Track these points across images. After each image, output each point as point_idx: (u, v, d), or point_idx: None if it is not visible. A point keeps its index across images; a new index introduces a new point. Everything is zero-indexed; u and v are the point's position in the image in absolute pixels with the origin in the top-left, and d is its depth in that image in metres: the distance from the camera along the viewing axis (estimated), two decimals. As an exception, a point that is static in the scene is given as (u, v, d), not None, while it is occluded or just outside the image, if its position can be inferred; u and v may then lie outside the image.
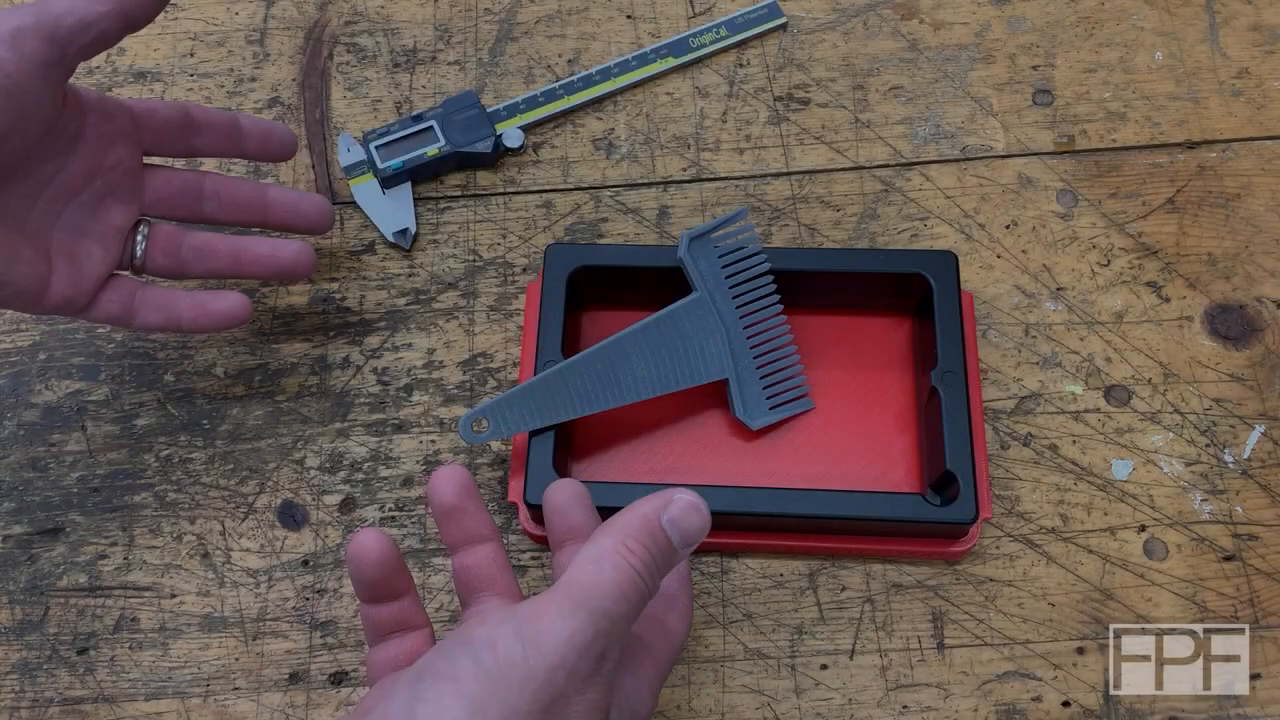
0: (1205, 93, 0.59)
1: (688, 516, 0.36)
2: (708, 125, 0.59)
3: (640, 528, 0.36)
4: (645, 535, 0.35)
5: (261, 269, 0.51)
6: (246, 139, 0.51)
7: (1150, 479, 0.50)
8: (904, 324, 0.53)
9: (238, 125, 0.50)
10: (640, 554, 0.35)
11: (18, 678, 0.48)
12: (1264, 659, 0.47)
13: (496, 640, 0.33)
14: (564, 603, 0.33)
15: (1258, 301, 0.54)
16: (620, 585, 0.34)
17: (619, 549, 0.35)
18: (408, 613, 0.40)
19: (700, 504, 0.37)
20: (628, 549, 0.35)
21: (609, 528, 0.36)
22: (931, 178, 0.57)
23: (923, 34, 0.61)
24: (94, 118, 0.46)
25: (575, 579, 0.34)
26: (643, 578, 0.35)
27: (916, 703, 0.47)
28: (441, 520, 0.40)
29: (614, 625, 0.34)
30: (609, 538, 0.35)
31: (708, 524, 0.37)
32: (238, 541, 0.50)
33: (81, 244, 0.47)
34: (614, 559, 0.34)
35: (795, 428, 0.51)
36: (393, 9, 0.63)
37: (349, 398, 0.53)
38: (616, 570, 0.34)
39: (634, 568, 0.35)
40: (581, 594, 0.34)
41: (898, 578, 0.49)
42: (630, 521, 0.36)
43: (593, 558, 0.35)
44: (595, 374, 0.48)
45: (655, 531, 0.36)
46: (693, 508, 0.37)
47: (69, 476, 0.52)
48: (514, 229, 0.57)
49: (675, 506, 0.36)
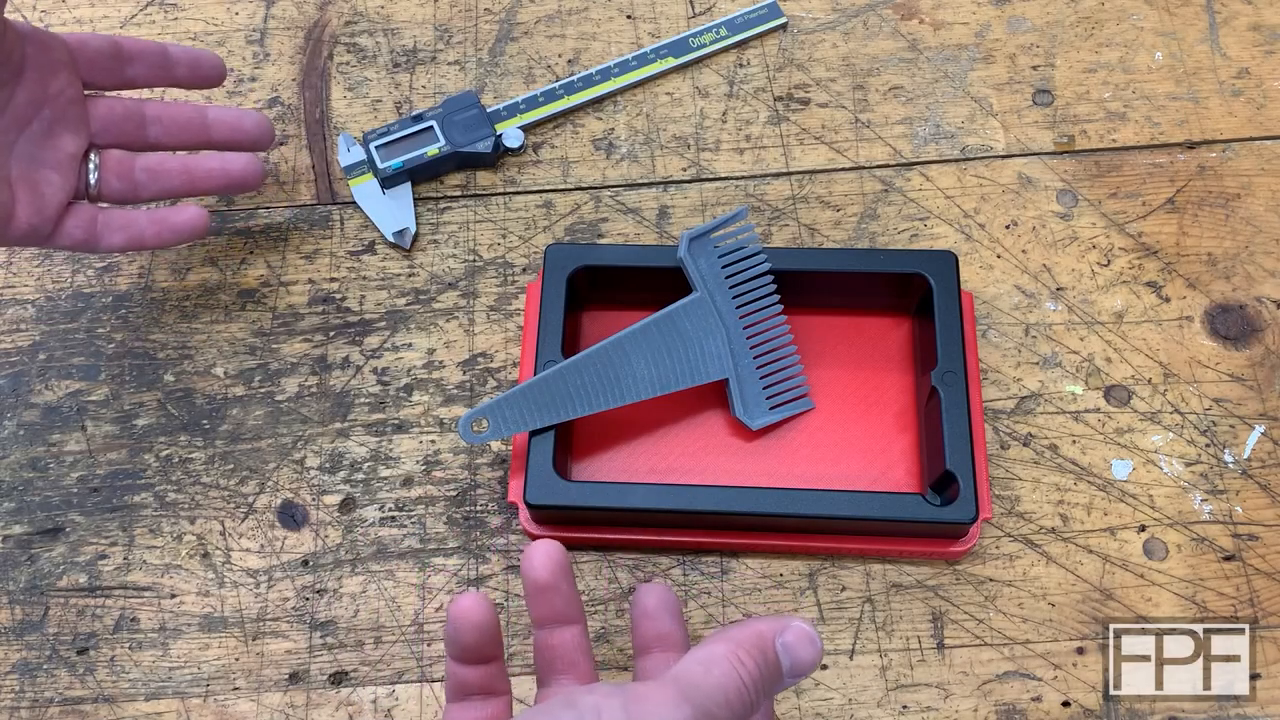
0: (1205, 93, 0.59)
1: (802, 645, 0.36)
2: (708, 125, 0.59)
3: (754, 643, 0.35)
4: (758, 651, 0.35)
5: (213, 183, 0.52)
6: (176, 66, 0.51)
7: (1150, 479, 0.50)
8: (904, 324, 0.53)
9: (166, 54, 0.51)
10: (750, 668, 0.35)
11: (18, 678, 0.48)
12: (1264, 659, 0.47)
13: (602, 710, 0.32)
14: (671, 692, 0.33)
15: (1258, 301, 0.54)
16: (727, 691, 0.34)
17: (731, 657, 0.34)
18: (493, 678, 0.40)
19: (815, 637, 0.36)
20: (739, 659, 0.34)
21: (722, 636, 0.36)
22: (931, 178, 0.57)
23: (923, 34, 0.61)
24: (32, 49, 0.47)
25: (684, 674, 0.34)
26: (749, 690, 0.34)
27: (916, 703, 0.47)
28: (532, 596, 0.40)
29: None
30: (722, 645, 0.35)
31: (820, 658, 0.37)
32: (238, 541, 0.50)
33: (39, 172, 0.48)
34: (725, 666, 0.34)
35: (795, 428, 0.51)
36: (393, 9, 0.63)
37: (349, 398, 0.53)
38: (726, 677, 0.34)
39: (743, 679, 0.34)
40: (690, 689, 0.33)
41: (898, 578, 0.49)
42: (746, 635, 0.35)
43: (703, 659, 0.34)
44: (595, 374, 0.48)
45: (768, 650, 0.35)
46: (808, 639, 0.36)
47: (69, 476, 0.52)
48: (514, 229, 0.57)
49: (791, 633, 0.36)
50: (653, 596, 0.40)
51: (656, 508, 0.47)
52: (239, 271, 0.56)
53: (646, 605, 0.40)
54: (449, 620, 0.38)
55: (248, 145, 0.53)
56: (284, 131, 0.59)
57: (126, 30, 0.62)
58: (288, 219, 0.57)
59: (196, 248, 0.57)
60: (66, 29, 0.62)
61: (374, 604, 0.49)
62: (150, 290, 0.56)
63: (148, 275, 0.56)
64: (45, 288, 0.56)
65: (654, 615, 0.40)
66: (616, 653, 0.48)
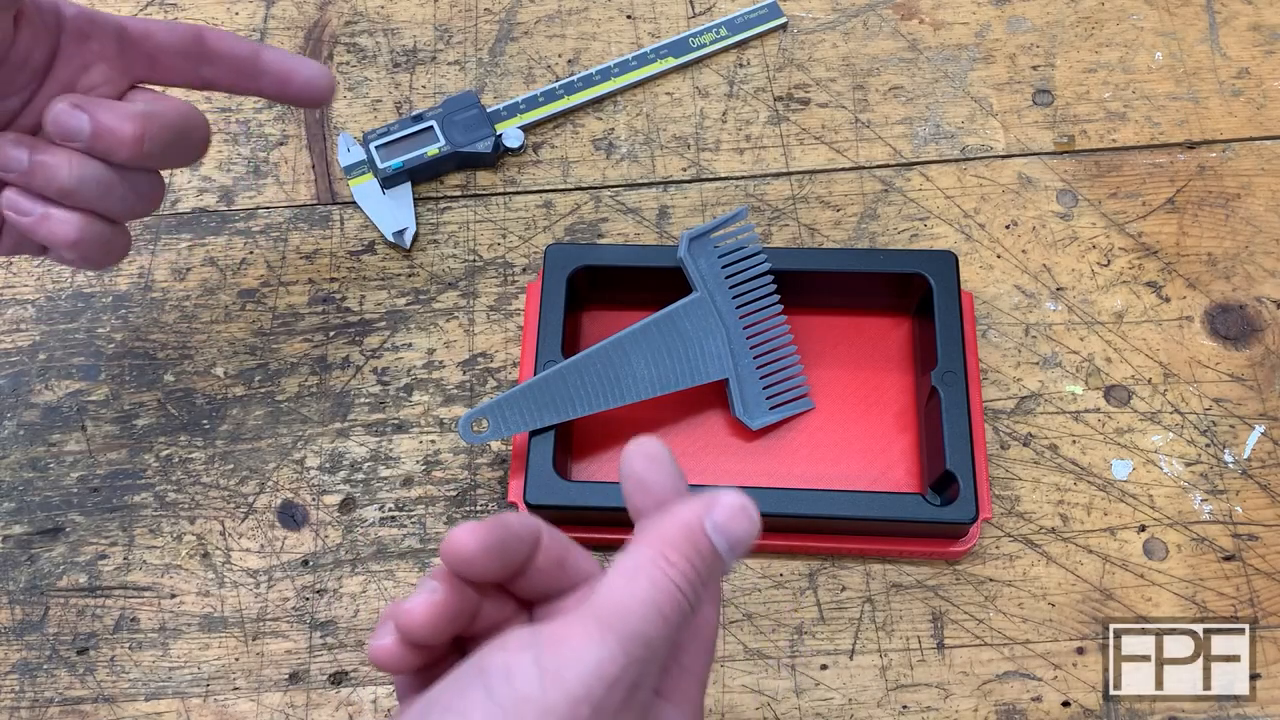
0: (1205, 93, 0.59)
1: (736, 521, 0.32)
2: (708, 125, 0.59)
3: (681, 536, 0.31)
4: (687, 545, 0.31)
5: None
6: (263, 76, 0.45)
7: (1150, 479, 0.50)
8: (904, 324, 0.53)
9: (257, 60, 0.45)
10: (681, 566, 0.30)
11: (18, 678, 0.48)
12: (1264, 659, 0.47)
13: (512, 670, 0.28)
14: (591, 626, 0.29)
15: (1258, 301, 0.54)
16: (658, 604, 0.29)
17: (657, 561, 0.30)
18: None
19: (749, 505, 0.32)
20: (667, 561, 0.30)
21: (645, 537, 0.31)
22: (931, 178, 0.57)
23: (923, 34, 0.61)
24: (68, 41, 0.41)
25: (605, 597, 0.30)
26: (684, 593, 0.30)
27: (916, 703, 0.47)
28: None
29: (649, 650, 0.29)
30: (646, 548, 0.30)
31: (758, 527, 0.32)
32: (238, 541, 0.50)
33: None
34: (651, 573, 0.30)
35: (795, 428, 0.51)
36: (393, 9, 0.63)
37: (349, 398, 0.53)
38: (654, 586, 0.30)
39: (674, 582, 0.30)
40: (612, 616, 0.29)
41: (898, 578, 0.49)
42: (670, 529, 0.31)
43: (626, 571, 0.30)
44: (595, 374, 0.48)
45: (699, 539, 0.31)
46: (741, 510, 0.32)
47: (69, 476, 0.52)
48: (514, 229, 0.57)
49: (720, 509, 0.32)
50: (637, 459, 0.33)
51: (656, 508, 0.47)
52: (239, 271, 0.56)
53: (633, 470, 0.33)
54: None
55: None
56: (284, 131, 0.59)
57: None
58: (288, 219, 0.57)
59: (196, 247, 0.57)
60: (66, 29, 0.62)
61: (374, 604, 0.49)
62: (150, 290, 0.56)
63: (148, 275, 0.56)
64: (45, 288, 0.56)
65: (643, 480, 0.33)
66: (616, 653, 0.48)
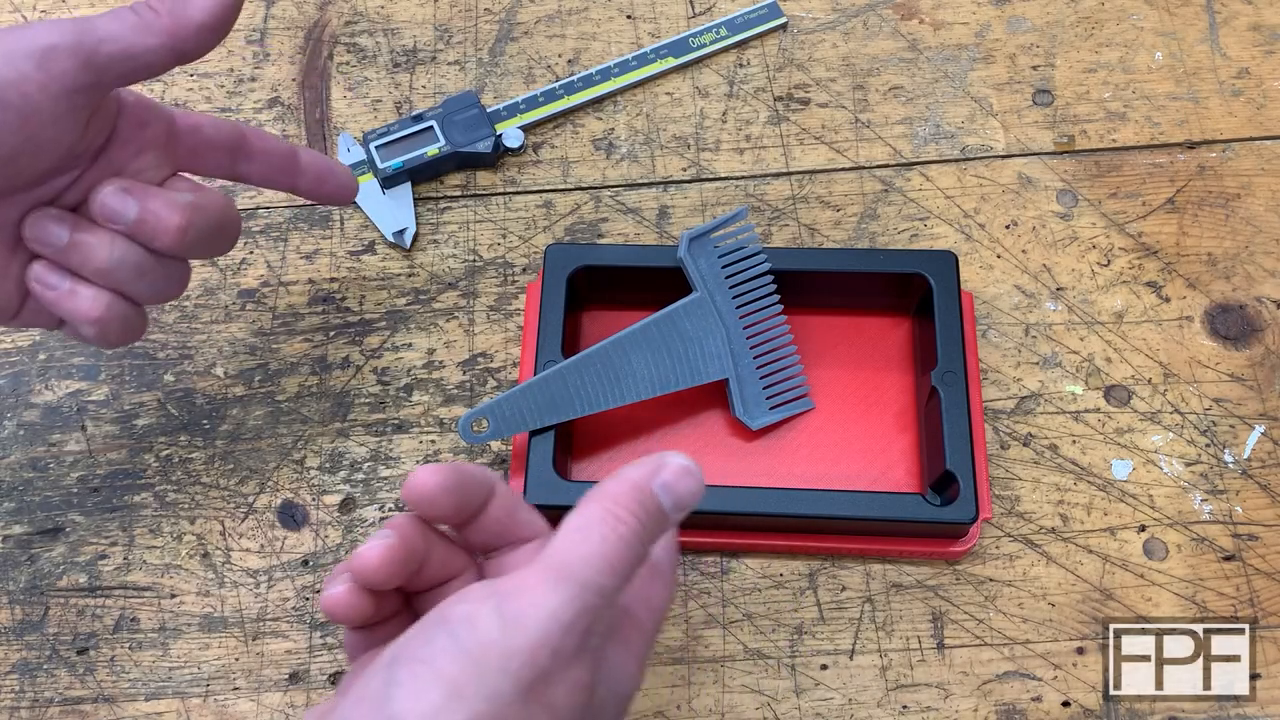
0: (1205, 93, 0.59)
1: (681, 481, 0.34)
2: (708, 125, 0.59)
3: (630, 494, 0.33)
4: (635, 502, 0.33)
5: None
6: (301, 175, 0.47)
7: (1150, 479, 0.50)
8: (904, 324, 0.53)
9: (295, 159, 0.47)
10: (630, 522, 0.33)
11: (18, 678, 0.48)
12: (1264, 659, 0.47)
13: (475, 619, 0.30)
14: (548, 576, 0.31)
15: (1258, 301, 0.54)
16: (608, 556, 0.32)
17: (607, 517, 0.32)
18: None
19: (693, 467, 0.35)
20: (617, 517, 0.32)
21: (596, 495, 0.33)
22: (931, 178, 0.57)
23: (923, 34, 0.61)
24: (125, 126, 0.42)
25: (559, 550, 0.32)
26: (633, 547, 0.32)
27: (916, 703, 0.47)
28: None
29: (601, 599, 0.31)
30: (596, 505, 0.33)
31: (702, 488, 0.35)
32: (238, 541, 0.50)
33: None
34: (602, 528, 0.32)
35: (795, 428, 0.51)
36: (393, 9, 0.63)
37: (349, 398, 0.53)
38: (605, 540, 0.32)
39: (623, 537, 0.32)
40: (566, 566, 0.31)
41: (898, 578, 0.49)
42: (619, 488, 0.33)
43: (579, 526, 0.32)
44: (595, 374, 0.48)
45: (646, 498, 0.33)
46: (686, 471, 0.34)
47: (69, 476, 0.52)
48: (514, 229, 0.57)
49: (668, 471, 0.34)
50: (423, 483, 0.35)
51: (656, 508, 0.47)
52: (239, 271, 0.56)
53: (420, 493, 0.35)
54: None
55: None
56: (284, 132, 0.59)
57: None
58: (288, 219, 0.57)
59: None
60: (66, 29, 0.62)
61: (374, 604, 0.49)
62: (150, 290, 0.56)
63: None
64: (45, 288, 0.56)
65: (430, 499, 0.35)
66: (616, 653, 0.48)
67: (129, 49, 0.39)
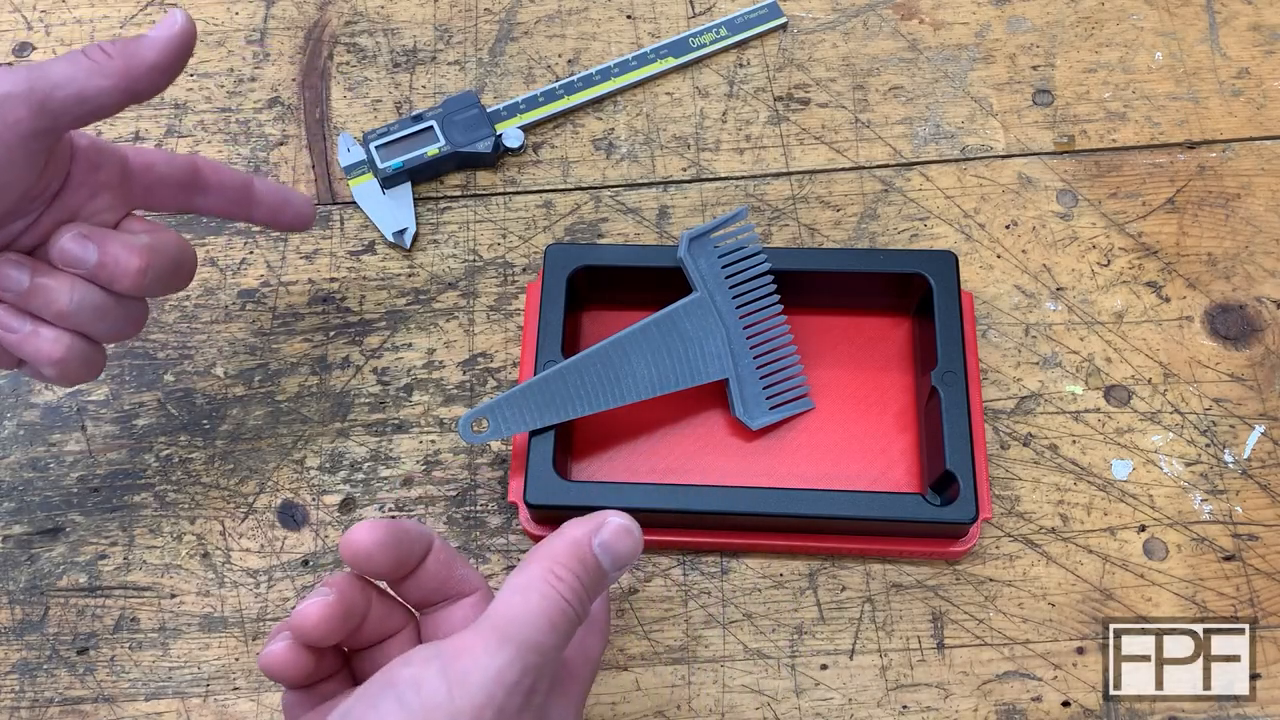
0: (1205, 93, 0.59)
1: (620, 540, 0.35)
2: (708, 125, 0.59)
3: (569, 553, 0.34)
4: (575, 561, 0.34)
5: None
6: (257, 206, 0.48)
7: (1150, 479, 0.50)
8: (904, 324, 0.53)
9: (250, 190, 0.47)
10: (570, 581, 0.34)
11: (18, 678, 0.48)
12: (1264, 659, 0.47)
13: (421, 682, 0.31)
14: (490, 637, 0.32)
15: (1258, 301, 0.54)
16: (549, 615, 0.33)
17: (548, 576, 0.33)
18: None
19: (633, 527, 0.36)
20: (557, 576, 0.34)
21: (537, 554, 0.34)
22: (931, 178, 0.57)
23: (923, 34, 0.61)
24: (79, 170, 0.42)
25: (501, 610, 0.33)
26: (573, 606, 0.33)
27: (916, 703, 0.47)
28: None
29: (543, 657, 0.32)
30: (536, 565, 0.34)
31: (640, 546, 0.36)
32: (238, 541, 0.50)
33: None
34: (542, 587, 0.33)
35: (795, 428, 0.51)
36: (393, 9, 0.63)
37: (349, 398, 0.53)
38: (545, 599, 0.33)
39: (563, 596, 0.33)
40: (508, 626, 0.32)
41: (898, 578, 0.49)
42: (559, 547, 0.34)
43: (520, 587, 0.33)
44: (595, 374, 0.48)
45: (585, 556, 0.35)
46: (625, 531, 0.35)
47: (69, 476, 0.52)
48: (514, 229, 0.57)
49: (607, 530, 0.35)
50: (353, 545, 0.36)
51: (656, 508, 0.47)
52: (239, 271, 0.56)
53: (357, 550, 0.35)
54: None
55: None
56: (284, 131, 0.59)
57: (126, 31, 0.62)
58: (288, 219, 0.57)
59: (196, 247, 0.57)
60: (66, 29, 0.62)
61: (374, 604, 0.49)
62: (150, 290, 0.56)
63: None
64: (45, 288, 0.56)
65: (367, 555, 0.36)
66: (617, 653, 0.48)
67: (82, 92, 0.39)
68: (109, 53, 0.40)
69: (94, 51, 0.40)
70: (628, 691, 0.47)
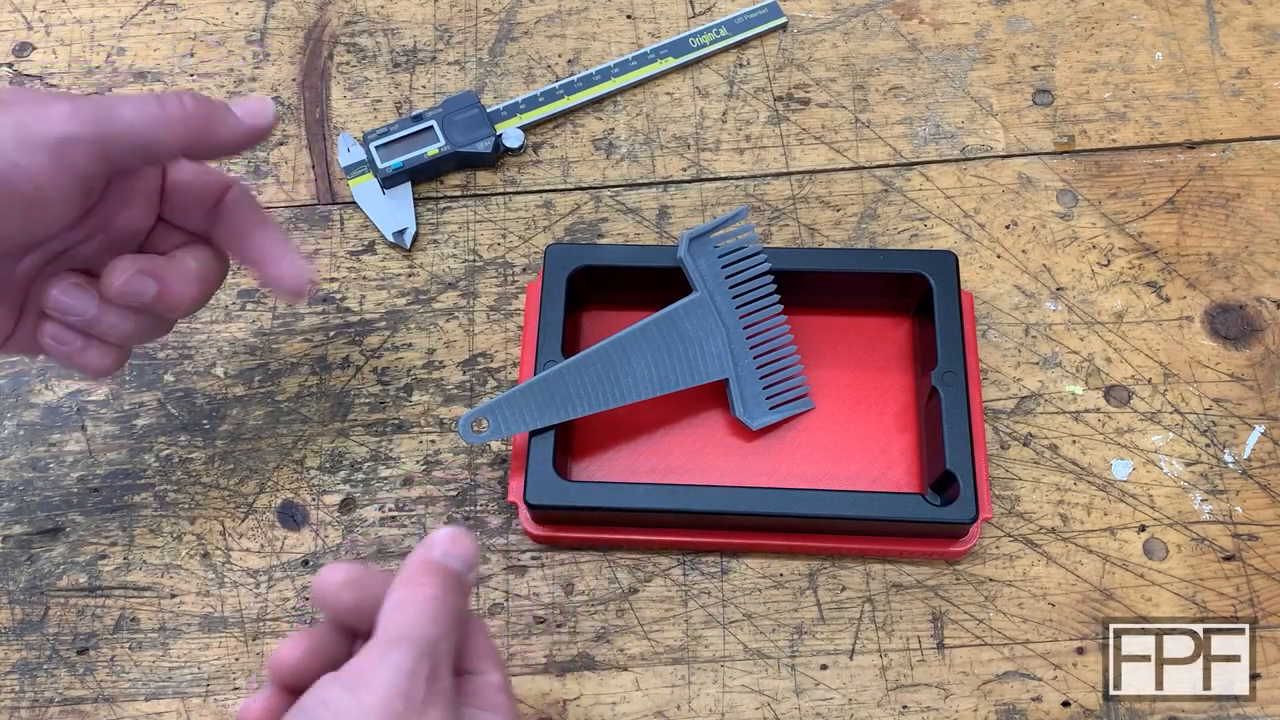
0: (1205, 93, 0.59)
1: (455, 543, 0.38)
2: (708, 125, 0.59)
3: (420, 568, 0.37)
4: (425, 572, 0.36)
5: None
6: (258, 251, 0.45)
7: (1150, 479, 0.50)
8: (904, 324, 0.53)
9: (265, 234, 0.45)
10: (430, 583, 0.36)
11: (18, 678, 0.48)
12: (1264, 659, 0.47)
13: (326, 699, 0.34)
14: (378, 647, 0.34)
15: (1258, 301, 0.54)
16: (425, 613, 0.35)
17: (410, 586, 0.36)
18: None
19: (459, 532, 0.38)
20: (417, 583, 0.36)
21: (395, 583, 0.37)
22: (931, 178, 0.57)
23: (923, 34, 0.61)
24: (115, 183, 0.41)
25: (385, 627, 0.35)
26: (443, 600, 0.36)
27: (916, 703, 0.47)
28: None
29: (434, 646, 0.35)
30: (398, 588, 0.36)
31: (474, 545, 0.38)
32: (238, 541, 0.50)
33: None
34: (408, 595, 0.36)
35: (795, 428, 0.51)
36: (393, 9, 0.63)
37: (349, 398, 0.53)
38: (415, 603, 0.35)
39: (432, 594, 0.35)
40: (392, 634, 0.35)
41: (898, 578, 0.49)
42: (410, 568, 0.37)
43: (392, 606, 0.36)
44: (595, 374, 0.48)
45: (433, 565, 0.37)
46: (453, 535, 0.38)
47: (69, 476, 0.52)
48: (514, 229, 0.57)
49: (440, 542, 0.38)
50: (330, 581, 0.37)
51: (656, 508, 0.47)
52: (239, 271, 0.56)
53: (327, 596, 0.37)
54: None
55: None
56: (284, 131, 0.59)
57: (126, 30, 0.62)
58: (288, 219, 0.57)
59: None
60: (66, 29, 0.62)
61: (374, 604, 0.49)
62: (150, 290, 0.56)
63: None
64: (45, 288, 0.56)
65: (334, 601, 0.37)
66: (617, 653, 0.48)
67: (147, 145, 0.39)
68: (186, 110, 0.39)
69: (171, 104, 0.39)
70: (628, 691, 0.47)
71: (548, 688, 0.47)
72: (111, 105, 0.38)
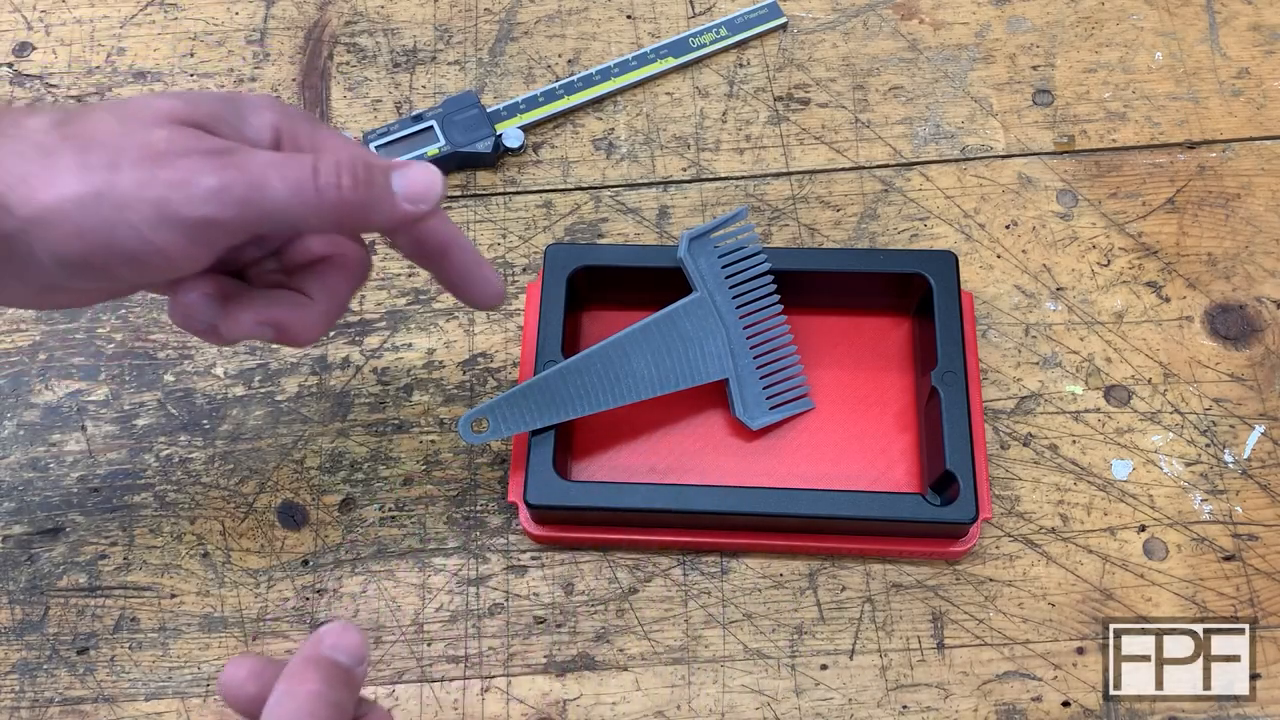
0: (1205, 93, 0.59)
1: (343, 637, 0.36)
2: (708, 125, 0.59)
3: (303, 665, 0.36)
4: (308, 666, 0.35)
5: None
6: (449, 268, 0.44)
7: (1150, 479, 0.50)
8: (904, 324, 0.53)
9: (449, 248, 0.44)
10: (313, 678, 0.35)
11: (18, 678, 0.48)
12: (1264, 659, 0.47)
13: None
14: None
15: (1258, 301, 0.54)
16: (305, 710, 0.34)
17: (290, 683, 0.35)
18: None
19: (347, 626, 0.37)
20: (297, 682, 0.35)
21: (281, 679, 0.36)
22: (931, 178, 0.57)
23: (923, 34, 0.61)
24: None
25: None
26: (324, 695, 0.35)
27: (916, 703, 0.47)
28: None
29: None
30: (281, 684, 0.35)
31: (362, 638, 0.37)
32: (238, 541, 0.50)
33: None
34: (289, 691, 0.35)
35: (795, 428, 0.51)
36: (393, 9, 0.63)
37: (349, 398, 0.53)
38: (296, 699, 0.34)
39: (312, 691, 0.34)
40: None
41: (898, 578, 0.49)
42: (294, 665, 0.36)
43: (272, 704, 0.35)
44: (595, 374, 0.48)
45: (319, 661, 0.36)
46: (341, 629, 0.37)
47: (69, 476, 0.52)
48: (514, 229, 0.57)
49: (328, 636, 0.36)
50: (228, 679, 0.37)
51: (656, 508, 0.47)
52: (239, 271, 0.56)
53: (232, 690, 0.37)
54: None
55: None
56: (284, 131, 0.59)
57: (126, 30, 0.62)
58: (288, 219, 0.57)
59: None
60: (66, 29, 0.62)
61: (374, 604, 0.49)
62: (150, 290, 0.56)
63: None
64: (45, 288, 0.56)
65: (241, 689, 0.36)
66: (617, 653, 0.48)
67: (291, 226, 0.37)
68: (343, 196, 0.36)
69: (328, 188, 0.35)
70: (628, 691, 0.47)
71: (548, 688, 0.47)
72: (262, 182, 0.34)
